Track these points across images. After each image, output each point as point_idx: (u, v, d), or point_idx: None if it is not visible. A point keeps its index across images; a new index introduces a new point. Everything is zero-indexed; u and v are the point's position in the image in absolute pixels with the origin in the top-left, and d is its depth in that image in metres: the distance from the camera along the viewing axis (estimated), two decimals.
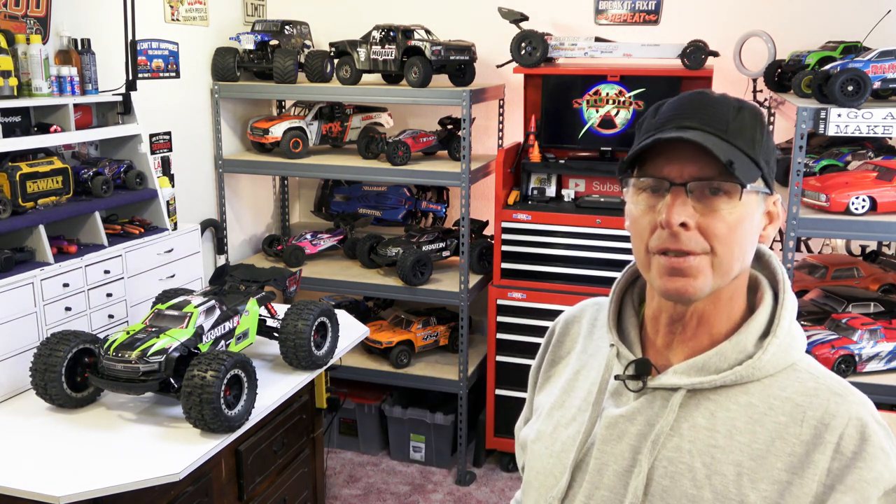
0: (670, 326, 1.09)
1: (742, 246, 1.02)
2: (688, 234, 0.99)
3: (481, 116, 4.37)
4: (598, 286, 3.62)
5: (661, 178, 1.01)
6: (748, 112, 1.03)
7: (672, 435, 1.03)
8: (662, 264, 1.02)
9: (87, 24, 3.14)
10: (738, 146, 1.00)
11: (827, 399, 1.00)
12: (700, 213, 1.00)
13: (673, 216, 0.99)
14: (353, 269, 4.22)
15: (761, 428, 1.00)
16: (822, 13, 3.82)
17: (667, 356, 1.09)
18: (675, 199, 0.99)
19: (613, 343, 1.13)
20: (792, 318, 1.06)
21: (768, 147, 1.05)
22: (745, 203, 1.01)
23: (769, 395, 1.02)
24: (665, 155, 1.02)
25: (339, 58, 4.01)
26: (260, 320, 2.71)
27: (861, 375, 3.03)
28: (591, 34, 3.89)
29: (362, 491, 3.91)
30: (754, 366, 1.02)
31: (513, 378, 3.89)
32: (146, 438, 2.21)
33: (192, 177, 3.94)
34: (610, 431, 1.07)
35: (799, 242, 3.93)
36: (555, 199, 3.94)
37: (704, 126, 1.00)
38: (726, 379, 1.02)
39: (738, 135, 1.01)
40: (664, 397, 1.05)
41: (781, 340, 1.03)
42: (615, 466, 1.05)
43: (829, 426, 0.97)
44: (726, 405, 1.02)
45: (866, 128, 2.87)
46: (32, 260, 2.61)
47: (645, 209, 1.03)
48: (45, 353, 2.29)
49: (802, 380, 1.02)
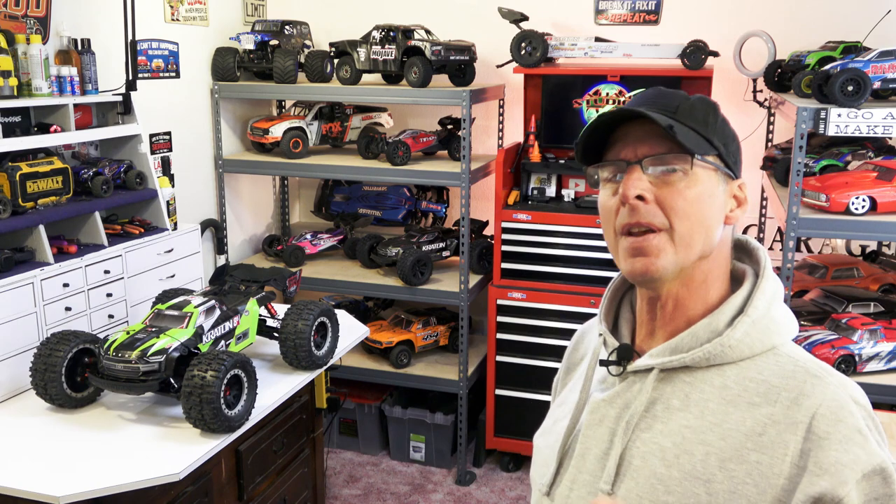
0: (650, 313, 1.11)
1: (702, 221, 1.03)
2: (646, 207, 1.02)
3: (481, 116, 4.37)
4: (598, 286, 3.62)
5: (617, 161, 1.06)
6: (699, 100, 1.07)
7: (646, 416, 1.04)
8: (626, 247, 1.04)
9: (87, 24, 3.14)
10: (687, 123, 1.04)
11: (803, 380, 0.99)
12: (657, 187, 1.03)
13: (629, 189, 1.02)
14: (353, 269, 4.22)
15: (734, 409, 1.00)
16: (822, 13, 3.82)
17: (650, 343, 1.11)
18: (631, 175, 1.03)
19: (601, 332, 1.15)
20: (772, 301, 1.06)
21: (725, 132, 1.07)
22: (701, 178, 1.03)
23: (745, 377, 1.02)
24: (620, 141, 1.06)
25: (339, 58, 4.01)
26: (260, 320, 2.71)
27: (861, 375, 3.03)
28: (591, 34, 3.89)
29: (362, 491, 3.91)
30: (723, 343, 1.02)
31: (513, 378, 3.89)
32: (146, 438, 2.21)
33: (192, 177, 3.94)
34: (593, 416, 1.09)
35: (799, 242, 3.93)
36: (555, 199, 3.94)
37: (653, 109, 1.04)
38: (696, 356, 1.03)
39: (686, 115, 1.05)
40: (641, 379, 1.07)
41: (755, 320, 1.03)
42: (596, 450, 1.07)
43: (802, 406, 0.97)
44: (700, 387, 1.03)
45: (866, 128, 2.87)
46: (32, 260, 2.61)
47: (610, 194, 1.07)
48: (45, 353, 2.29)
49: (781, 363, 1.02)
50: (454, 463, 4.12)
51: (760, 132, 3.94)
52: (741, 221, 1.11)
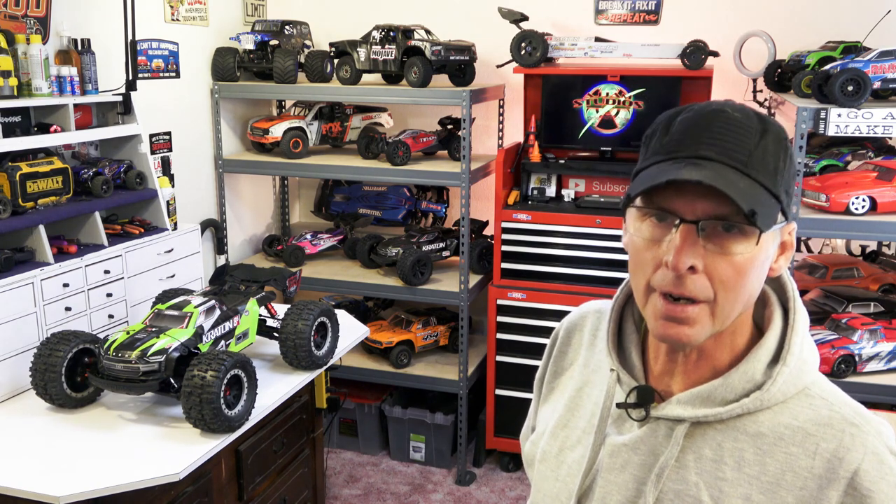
0: (670, 356, 1.04)
1: (748, 290, 0.95)
2: (694, 279, 0.91)
3: (481, 116, 4.37)
4: (598, 286, 3.62)
5: (670, 213, 0.92)
6: (772, 137, 0.93)
7: (677, 467, 0.98)
8: (660, 308, 0.95)
9: (87, 24, 3.14)
10: (759, 181, 0.90)
11: (842, 430, 0.94)
12: (710, 253, 0.91)
13: (682, 261, 0.90)
14: (353, 269, 4.22)
15: (771, 459, 0.95)
16: (822, 13, 3.82)
17: (667, 382, 1.04)
18: (685, 240, 0.90)
19: (614, 368, 1.07)
20: (804, 340, 1.00)
21: (790, 174, 0.95)
22: (761, 245, 0.92)
23: (779, 423, 0.96)
24: (673, 185, 0.91)
25: (339, 58, 4.01)
26: (260, 320, 2.71)
27: (861, 375, 3.03)
28: (591, 34, 3.89)
29: (362, 491, 3.91)
30: (762, 398, 0.96)
31: (513, 378, 3.89)
32: (146, 438, 2.21)
33: (192, 177, 3.94)
34: (613, 460, 1.03)
35: (799, 242, 3.93)
36: (555, 199, 3.94)
37: (722, 156, 0.90)
38: (733, 412, 0.97)
39: (760, 166, 0.91)
40: (668, 426, 1.00)
41: (792, 368, 0.97)
42: (619, 497, 1.02)
43: (844, 460, 0.92)
44: (734, 435, 0.97)
45: (866, 128, 2.87)
46: (32, 260, 2.61)
47: (649, 241, 0.94)
48: (45, 353, 2.29)
49: (816, 406, 0.97)
50: (454, 463, 4.11)
51: None
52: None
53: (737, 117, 0.93)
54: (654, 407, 1.02)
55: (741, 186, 0.88)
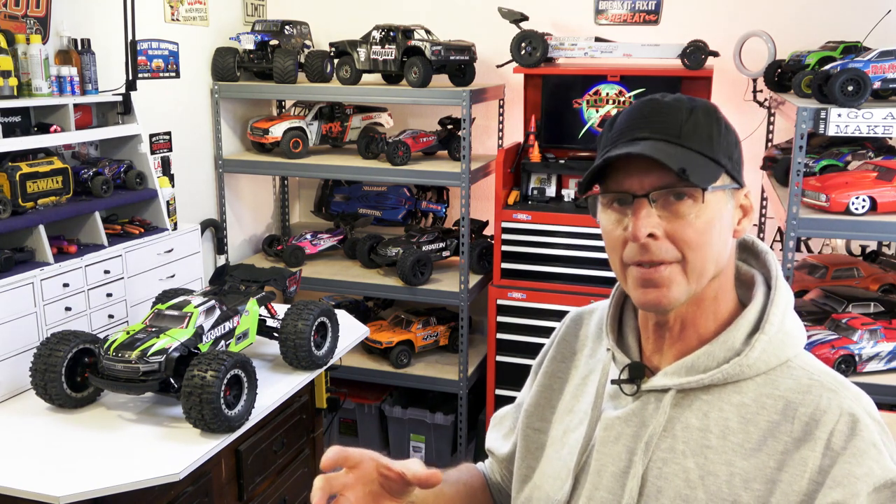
0: (657, 332, 1.10)
1: (714, 247, 1.02)
2: (657, 244, 1.00)
3: (481, 116, 4.37)
4: (598, 286, 3.62)
5: (622, 193, 1.02)
6: (701, 111, 1.03)
7: (665, 436, 1.04)
8: (636, 276, 1.02)
9: (87, 24, 3.14)
10: (693, 148, 1.00)
11: (819, 395, 0.99)
12: (667, 220, 1.00)
13: (639, 229, 0.99)
14: (353, 269, 4.22)
15: (754, 427, 1.00)
16: (822, 13, 3.82)
17: (658, 359, 1.10)
18: (640, 211, 1.00)
19: (609, 347, 1.14)
20: (785, 314, 1.05)
21: (729, 141, 1.04)
22: (711, 204, 1.00)
23: (762, 393, 1.01)
24: (624, 168, 1.02)
25: (339, 58, 4.01)
26: (260, 320, 2.71)
27: (861, 375, 3.02)
28: (591, 34, 3.89)
29: None
30: (742, 363, 1.01)
31: (513, 378, 3.88)
32: (146, 438, 2.21)
33: (192, 177, 3.94)
34: (607, 433, 1.08)
35: (799, 242, 3.93)
36: (555, 199, 3.94)
37: (655, 134, 1.01)
38: (714, 377, 1.02)
39: (692, 137, 1.01)
40: (657, 399, 1.06)
41: (771, 337, 1.02)
42: (612, 468, 1.06)
43: (820, 422, 0.97)
44: (719, 405, 1.02)
45: (866, 128, 2.87)
46: (32, 260, 2.61)
47: (615, 223, 1.04)
48: (45, 353, 2.29)
49: (796, 377, 1.02)
50: (454, 463, 4.11)
51: (760, 132, 3.94)
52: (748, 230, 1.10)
53: (667, 101, 1.04)
54: (644, 381, 1.08)
55: (671, 153, 0.98)
